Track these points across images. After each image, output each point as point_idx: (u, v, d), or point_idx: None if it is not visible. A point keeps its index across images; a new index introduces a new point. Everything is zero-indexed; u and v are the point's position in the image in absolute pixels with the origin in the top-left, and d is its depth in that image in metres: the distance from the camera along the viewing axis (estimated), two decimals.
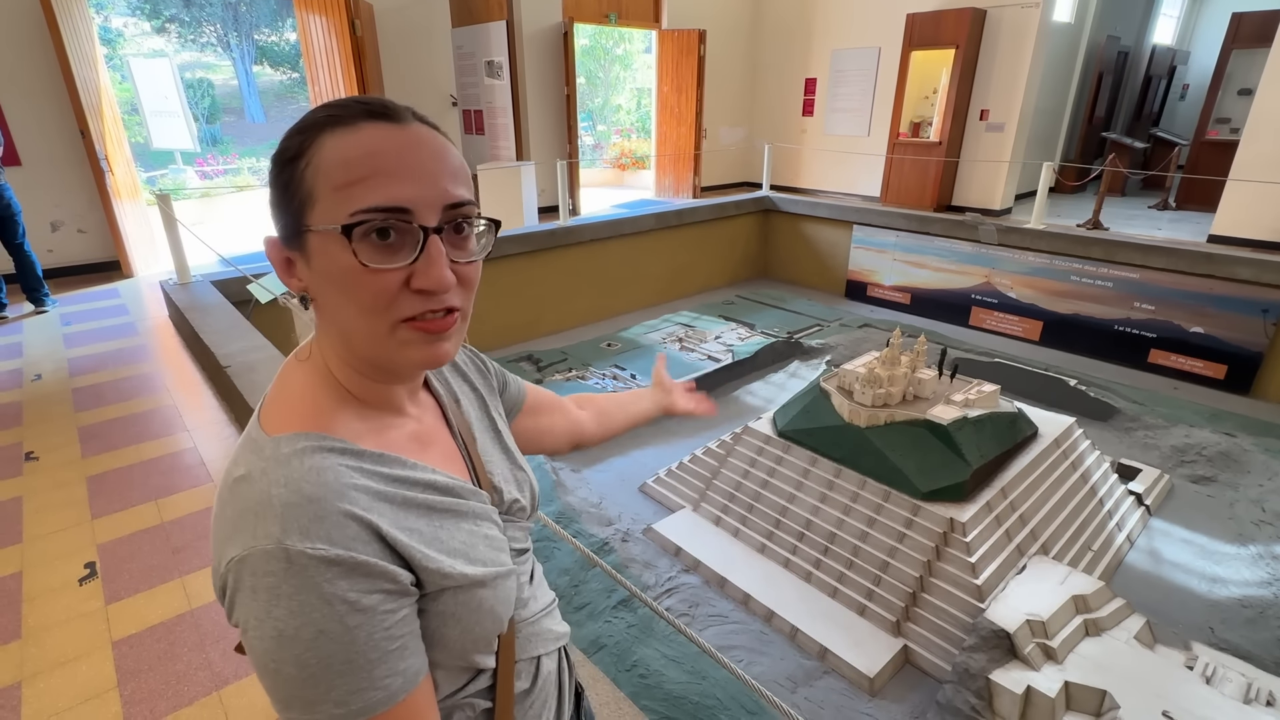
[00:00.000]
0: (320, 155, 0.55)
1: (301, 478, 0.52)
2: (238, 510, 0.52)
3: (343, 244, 0.54)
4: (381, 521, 0.54)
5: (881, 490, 3.37)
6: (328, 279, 0.57)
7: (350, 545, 0.51)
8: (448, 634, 0.59)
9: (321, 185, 0.55)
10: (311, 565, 0.49)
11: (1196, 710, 2.46)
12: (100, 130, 5.25)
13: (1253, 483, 4.14)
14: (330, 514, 0.51)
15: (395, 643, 0.52)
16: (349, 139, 0.55)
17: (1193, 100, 10.79)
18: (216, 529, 0.54)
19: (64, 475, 2.75)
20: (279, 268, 0.61)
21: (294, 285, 0.61)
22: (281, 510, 0.50)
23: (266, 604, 0.49)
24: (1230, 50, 7.58)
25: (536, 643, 0.74)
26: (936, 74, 7.37)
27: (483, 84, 7.40)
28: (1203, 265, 5.55)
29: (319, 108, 0.58)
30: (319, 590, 0.49)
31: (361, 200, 0.54)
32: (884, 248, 7.71)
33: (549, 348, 6.45)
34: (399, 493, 0.58)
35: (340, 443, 0.57)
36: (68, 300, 5.03)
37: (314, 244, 0.56)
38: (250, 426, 0.60)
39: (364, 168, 0.54)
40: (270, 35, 19.05)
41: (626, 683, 2.77)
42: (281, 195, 0.58)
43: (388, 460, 0.59)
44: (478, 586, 0.60)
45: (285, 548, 0.49)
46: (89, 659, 1.86)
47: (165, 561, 2.25)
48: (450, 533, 0.60)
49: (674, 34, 8.26)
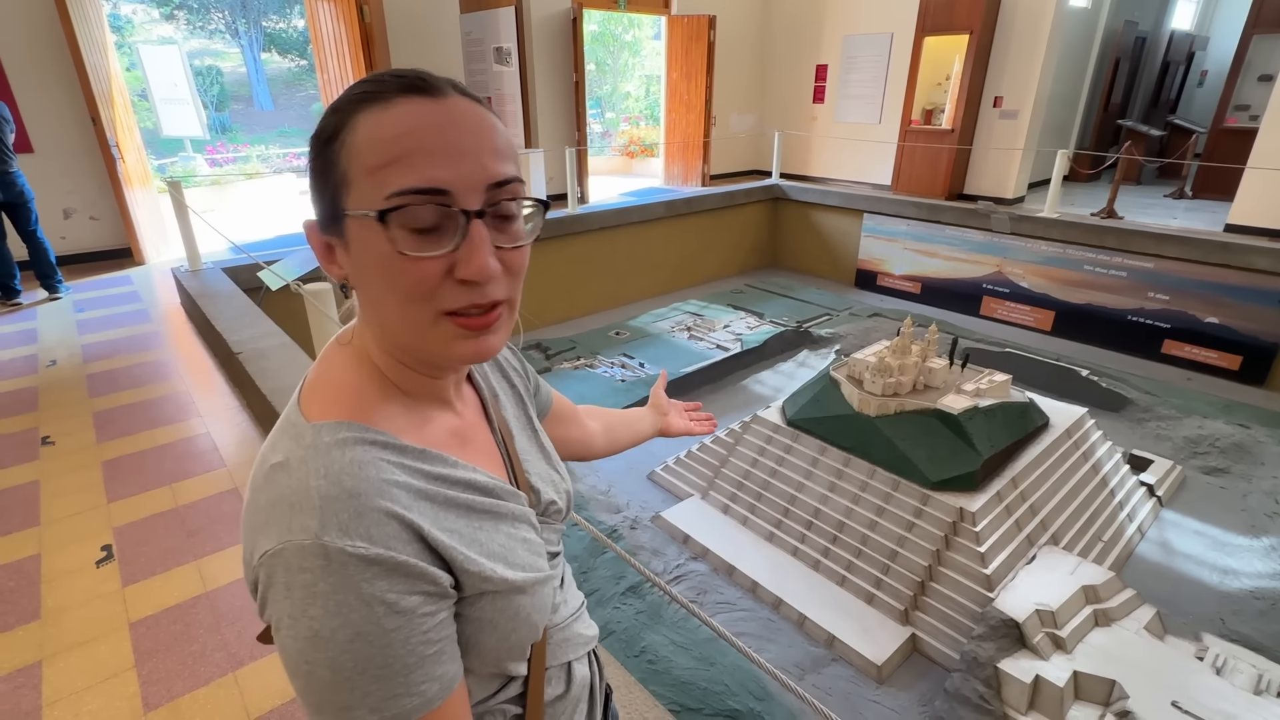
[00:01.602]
0: (354, 135, 0.52)
1: (342, 470, 0.50)
2: (272, 499, 0.50)
3: (378, 230, 0.51)
4: (422, 521, 0.52)
5: (891, 479, 3.36)
6: (366, 266, 0.54)
7: (390, 544, 0.48)
8: (484, 641, 0.57)
9: (355, 167, 0.52)
10: (350, 563, 0.46)
11: (1206, 701, 2.45)
12: (111, 117, 5.26)
13: (1266, 474, 4.10)
14: (371, 510, 0.49)
15: (433, 647, 0.50)
16: (383, 116, 0.52)
17: (1211, 87, 10.60)
18: (249, 517, 0.52)
19: (80, 459, 2.79)
20: (319, 254, 0.58)
21: (335, 272, 0.58)
22: (320, 503, 0.48)
23: (302, 602, 0.46)
24: (1251, 35, 7.43)
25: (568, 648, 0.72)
26: (949, 60, 7.27)
27: (491, 71, 7.36)
28: (1219, 255, 5.48)
29: (355, 84, 0.55)
30: (357, 590, 0.46)
31: (396, 182, 0.51)
32: (895, 236, 7.65)
33: (557, 336, 6.45)
34: (440, 491, 0.55)
35: (382, 435, 0.55)
36: (81, 287, 5.07)
37: (351, 229, 0.54)
38: (289, 410, 0.57)
39: (398, 147, 0.51)
40: (279, 22, 19.02)
41: (635, 668, 2.79)
42: (319, 178, 0.55)
43: (429, 457, 0.57)
44: (517, 593, 0.58)
45: (323, 544, 0.46)
46: (107, 640, 1.89)
47: (180, 544, 2.27)
48: (490, 535, 0.58)
49: (683, 20, 8.18)
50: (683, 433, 1.18)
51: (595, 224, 6.90)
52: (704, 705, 2.64)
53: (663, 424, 1.15)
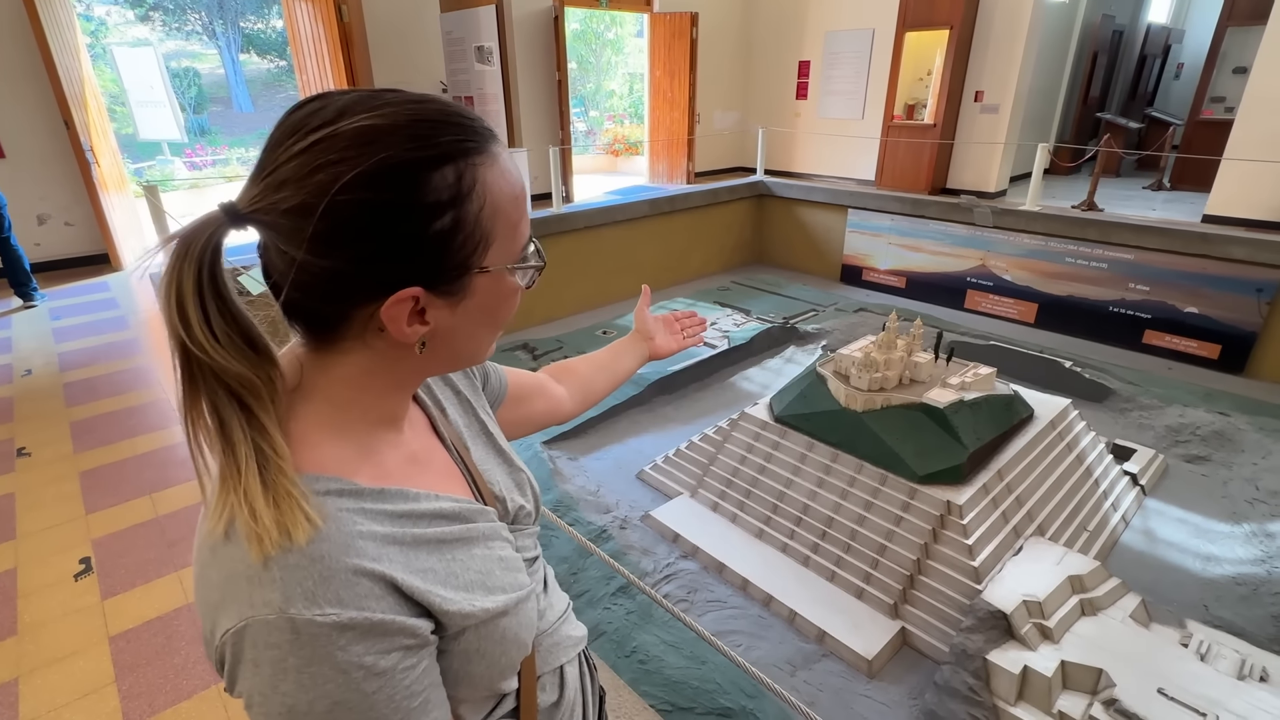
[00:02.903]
0: (490, 193, 0.52)
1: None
2: (225, 575, 0.46)
3: (511, 274, 0.56)
4: (394, 570, 0.49)
5: (878, 474, 3.38)
6: (482, 313, 0.57)
7: (363, 604, 0.46)
8: (473, 670, 0.56)
9: (499, 225, 0.54)
10: (322, 634, 0.44)
11: (1191, 687, 2.48)
12: (85, 121, 5.17)
13: (1246, 461, 4.16)
14: (337, 572, 0.46)
15: (418, 699, 0.49)
16: (501, 171, 0.54)
17: (1187, 79, 10.74)
18: (202, 593, 0.48)
19: (57, 471, 2.74)
20: (399, 322, 0.52)
21: (415, 334, 0.53)
22: (280, 574, 0.44)
23: (272, 679, 0.44)
24: (1225, 28, 7.54)
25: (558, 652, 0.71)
26: (931, 55, 7.31)
27: (473, 70, 7.31)
28: (1197, 245, 5.55)
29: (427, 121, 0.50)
30: (332, 660, 0.44)
31: (527, 231, 0.58)
32: (879, 231, 7.68)
33: (544, 336, 6.43)
34: (407, 531, 0.53)
35: (336, 482, 0.51)
36: (56, 294, 4.98)
37: (480, 284, 0.55)
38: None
39: (524, 202, 0.57)
40: (256, 23, 18.78)
41: (626, 669, 2.78)
42: (431, 242, 0.50)
43: (389, 495, 0.54)
44: (500, 617, 0.57)
45: (290, 617, 0.43)
46: (86, 654, 1.86)
47: (161, 555, 2.24)
48: (464, 564, 0.56)
49: (665, 17, 8.17)
50: (675, 350, 1.13)
51: (580, 223, 6.88)
52: (696, 704, 2.64)
53: (650, 349, 1.11)
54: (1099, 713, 2.42)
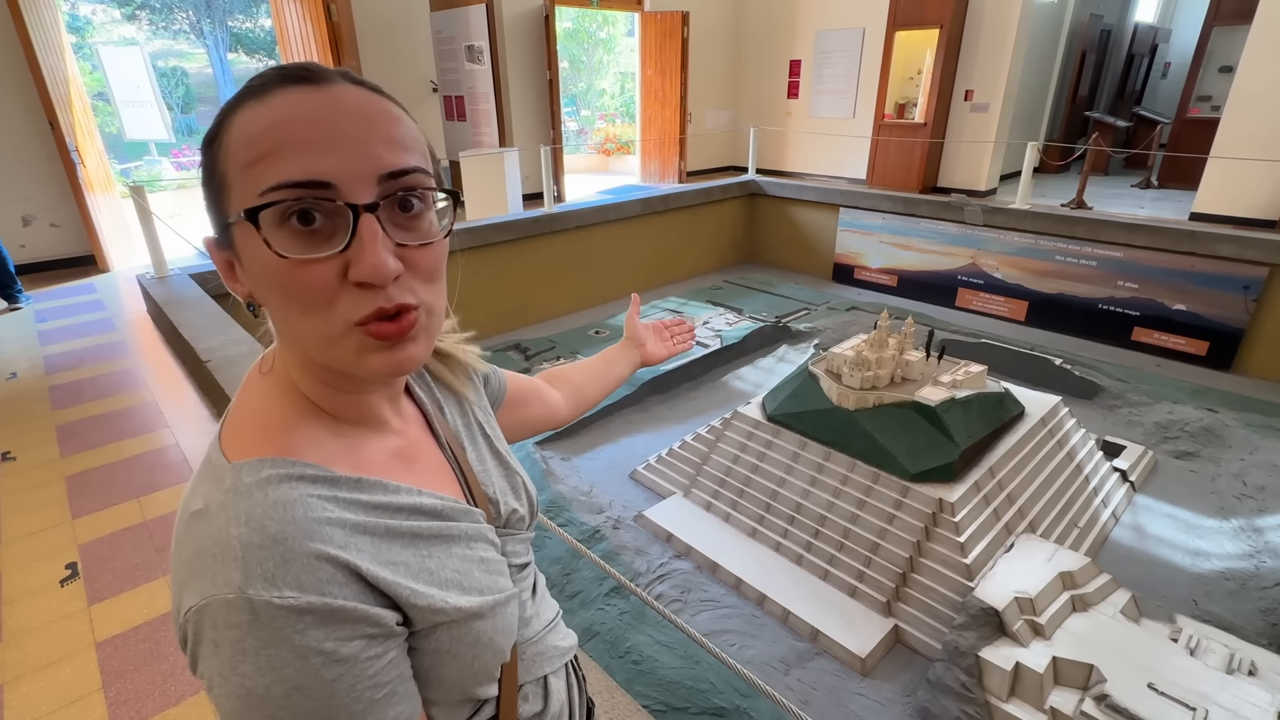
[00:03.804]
0: (229, 133, 0.48)
1: (265, 514, 0.46)
2: (194, 551, 0.46)
3: (255, 233, 0.46)
4: (360, 559, 0.48)
5: (871, 472, 3.38)
6: (259, 278, 0.49)
7: (324, 589, 0.45)
8: (444, 672, 0.54)
9: (232, 167, 0.48)
10: (280, 616, 0.43)
11: (1181, 682, 2.50)
12: (70, 121, 5.11)
13: (1234, 457, 4.20)
14: (299, 555, 0.45)
15: (382, 690, 0.48)
16: (259, 110, 0.48)
17: (1174, 78, 10.83)
18: (174, 569, 0.48)
19: (42, 475, 2.70)
20: (222, 272, 0.53)
21: (239, 290, 0.53)
22: (242, 553, 0.44)
23: (231, 660, 0.43)
24: (1211, 27, 7.60)
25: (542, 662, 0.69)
26: (921, 54, 7.33)
27: (463, 69, 7.28)
28: (1185, 243, 5.59)
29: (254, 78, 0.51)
30: (290, 643, 0.43)
31: (269, 176, 0.46)
32: (870, 230, 7.70)
33: (536, 336, 6.41)
34: (380, 522, 0.52)
35: (310, 468, 0.50)
36: (42, 296, 4.93)
37: (238, 237, 0.49)
38: (210, 450, 0.53)
39: (272, 139, 0.46)
40: (245, 22, 18.64)
41: (620, 670, 2.77)
42: (205, 186, 0.51)
43: (366, 486, 0.53)
44: (474, 619, 0.55)
45: (248, 597, 0.43)
46: (72, 661, 1.83)
47: (149, 560, 2.21)
48: (440, 561, 0.55)
49: (657, 16, 8.16)
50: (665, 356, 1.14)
51: (572, 223, 6.86)
52: (690, 704, 2.63)
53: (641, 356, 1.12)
54: (1090, 708, 2.43)
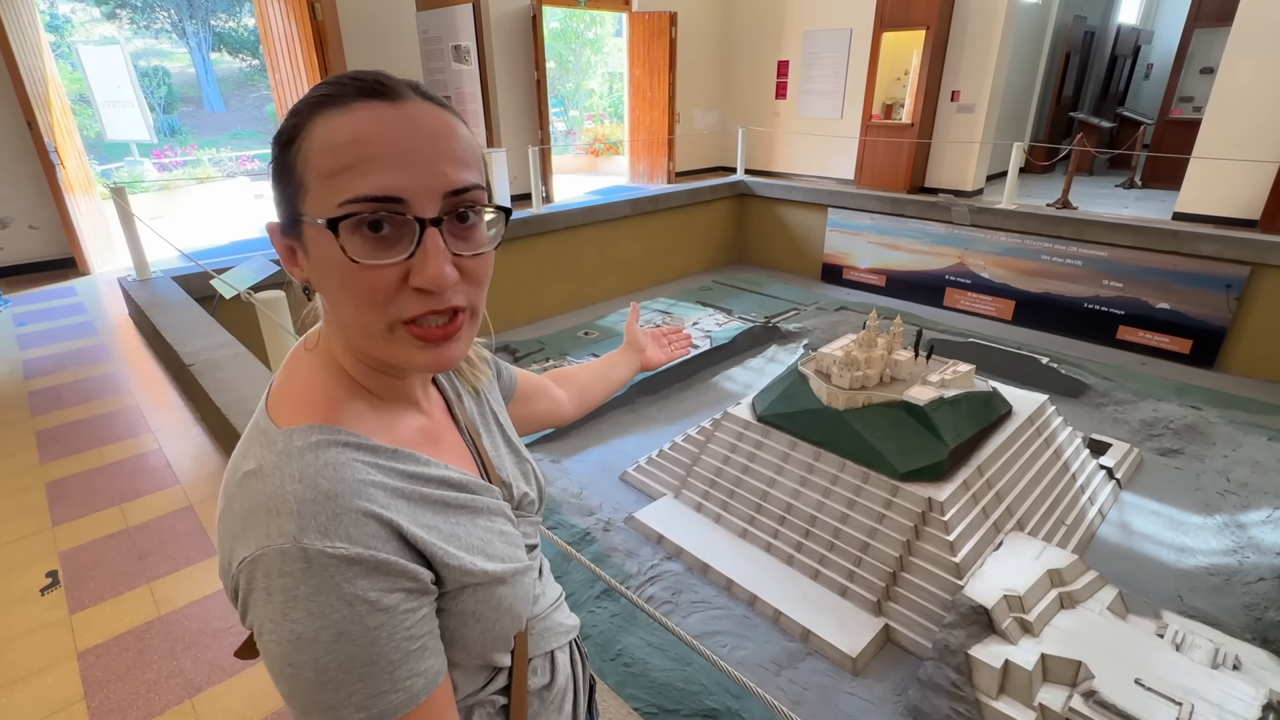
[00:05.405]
0: (310, 140, 0.52)
1: (318, 473, 0.50)
2: (248, 506, 0.50)
3: (331, 238, 0.51)
4: (400, 519, 0.52)
5: (861, 472, 3.39)
6: (324, 272, 0.54)
7: (370, 543, 0.49)
8: (468, 634, 0.58)
9: (311, 173, 0.52)
10: (331, 565, 0.47)
11: (1167, 677, 2.52)
12: (49, 122, 5.03)
13: (1218, 454, 4.25)
14: (349, 511, 0.49)
15: (416, 643, 0.51)
16: (338, 121, 0.52)
17: (1157, 80, 10.96)
18: (224, 526, 0.52)
19: (21, 482, 2.65)
20: (283, 256, 0.58)
21: (297, 275, 0.59)
22: (297, 507, 0.48)
23: (283, 606, 0.47)
24: (1192, 29, 7.70)
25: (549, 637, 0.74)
26: (908, 55, 7.37)
27: (450, 69, 7.24)
28: (1168, 242, 5.66)
29: (317, 86, 0.55)
30: (339, 590, 0.47)
31: (349, 189, 0.51)
32: (859, 230, 7.74)
33: (525, 338, 6.38)
34: (415, 489, 0.56)
35: (354, 437, 0.55)
36: (21, 300, 4.84)
37: (308, 234, 0.54)
38: (258, 416, 0.58)
39: (352, 153, 0.51)
40: (228, 21, 18.45)
41: (612, 672, 2.76)
42: (278, 181, 0.55)
43: (402, 456, 0.58)
44: (498, 584, 0.60)
45: (303, 546, 0.47)
46: (53, 671, 1.80)
47: (132, 567, 2.17)
48: (467, 529, 0.59)
49: (644, 16, 8.15)
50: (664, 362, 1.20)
51: (561, 223, 6.84)
52: (682, 706, 2.63)
53: (641, 361, 1.17)
54: (1079, 704, 2.45)
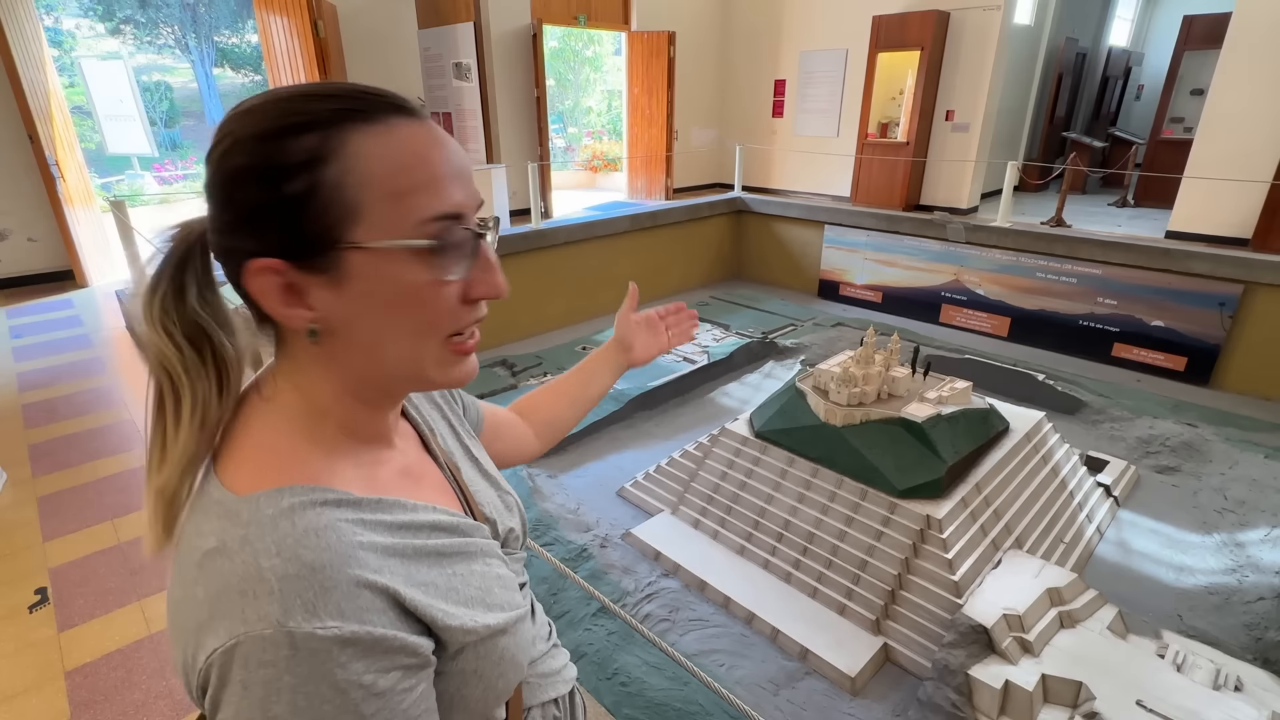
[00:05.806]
0: (358, 159, 0.47)
1: (298, 542, 0.44)
2: (215, 591, 0.43)
3: (410, 260, 0.49)
4: (395, 582, 0.47)
5: (859, 489, 3.38)
6: (375, 303, 0.49)
7: (365, 618, 0.44)
8: (469, 694, 0.54)
9: (371, 194, 0.47)
10: (322, 649, 0.42)
11: (1169, 698, 2.50)
12: (50, 134, 5.05)
13: (1214, 471, 4.25)
14: (339, 583, 0.44)
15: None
16: (388, 138, 0.48)
17: (1148, 100, 11.10)
18: (184, 615, 0.45)
19: (13, 496, 2.63)
20: (269, 298, 0.50)
21: (299, 318, 0.50)
22: (278, 585, 0.42)
23: (262, 701, 0.41)
24: (1182, 52, 7.82)
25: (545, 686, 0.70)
26: (902, 75, 7.47)
27: (451, 86, 7.30)
28: (1161, 260, 5.70)
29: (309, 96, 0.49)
30: (330, 678, 0.42)
31: (426, 209, 0.49)
32: (855, 247, 7.78)
33: (523, 352, 6.38)
34: (407, 543, 0.51)
35: (332, 493, 0.50)
36: (17, 312, 4.83)
37: (357, 264, 0.48)
38: (206, 487, 0.50)
39: (424, 171, 0.49)
40: (231, 37, 18.61)
41: (608, 692, 2.73)
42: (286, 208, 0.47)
43: (386, 506, 0.53)
44: (499, 635, 0.55)
45: (289, 630, 0.41)
46: (40, 691, 1.77)
47: (123, 584, 2.15)
48: (464, 579, 0.55)
49: (643, 36, 8.25)
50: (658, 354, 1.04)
51: (560, 239, 6.87)
52: None
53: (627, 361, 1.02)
54: None
